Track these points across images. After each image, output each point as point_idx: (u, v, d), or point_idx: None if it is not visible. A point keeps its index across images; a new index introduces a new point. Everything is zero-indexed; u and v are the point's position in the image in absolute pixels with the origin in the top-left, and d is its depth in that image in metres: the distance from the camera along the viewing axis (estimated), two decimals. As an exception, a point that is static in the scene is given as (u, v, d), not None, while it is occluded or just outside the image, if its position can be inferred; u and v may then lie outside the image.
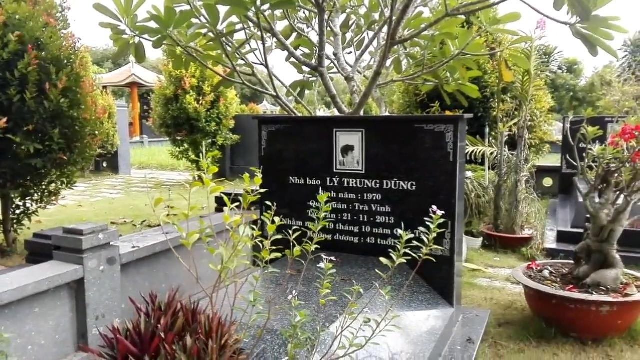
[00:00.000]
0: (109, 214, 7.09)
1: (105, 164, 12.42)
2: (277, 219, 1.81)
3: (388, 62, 4.56)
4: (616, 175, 3.18)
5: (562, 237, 5.00)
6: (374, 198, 3.00)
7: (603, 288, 3.02)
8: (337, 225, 3.12)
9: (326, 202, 3.04)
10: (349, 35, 4.89)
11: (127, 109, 13.12)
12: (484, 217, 5.77)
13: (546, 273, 3.33)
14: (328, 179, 3.11)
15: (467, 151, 5.70)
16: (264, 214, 1.87)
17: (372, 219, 3.02)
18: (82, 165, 5.22)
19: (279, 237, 3.19)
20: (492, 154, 5.85)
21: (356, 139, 3.01)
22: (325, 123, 3.08)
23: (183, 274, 3.47)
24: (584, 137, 3.28)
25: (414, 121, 2.84)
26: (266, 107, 26.65)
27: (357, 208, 3.05)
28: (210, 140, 9.68)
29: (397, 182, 2.92)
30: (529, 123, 5.96)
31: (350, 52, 4.98)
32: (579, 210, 5.14)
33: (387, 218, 2.98)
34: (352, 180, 3.04)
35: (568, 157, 3.71)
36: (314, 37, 4.49)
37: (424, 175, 2.85)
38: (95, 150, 4.99)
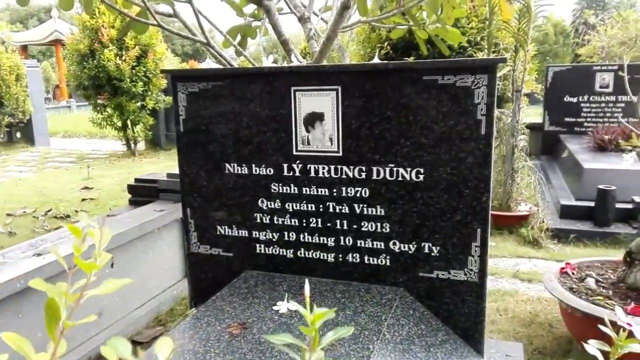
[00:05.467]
0: (8, 201, 5.68)
1: (19, 135, 10.67)
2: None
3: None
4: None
5: (566, 212, 4.17)
6: (358, 194, 1.93)
7: (681, 306, 2.14)
8: (302, 236, 2.05)
9: (282, 201, 1.96)
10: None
11: (39, 68, 11.26)
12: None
13: (591, 282, 2.41)
14: (285, 165, 2.00)
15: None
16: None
17: (355, 227, 1.96)
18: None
19: (214, 252, 2.09)
20: (476, 113, 4.88)
21: (327, 103, 1.90)
22: (277, 78, 1.95)
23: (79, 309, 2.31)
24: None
25: (423, 71, 1.76)
26: (209, 65, 24.64)
27: (331, 210, 1.98)
28: (139, 104, 8.23)
29: (395, 169, 1.86)
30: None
31: (304, -13, 3.80)
32: (584, 178, 4.30)
33: (378, 225, 1.92)
34: (323, 168, 1.95)
35: (624, 119, 2.75)
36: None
37: (437, 158, 1.80)
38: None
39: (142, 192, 3.23)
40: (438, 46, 3.27)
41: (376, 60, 2.30)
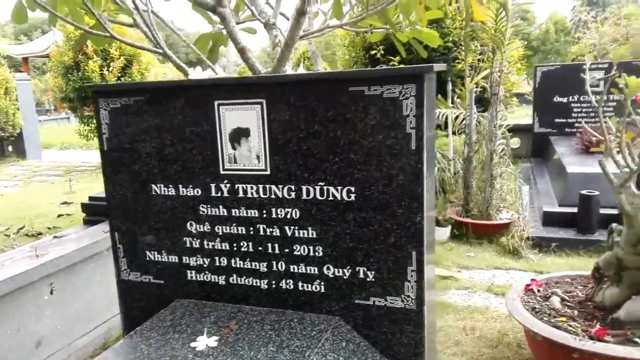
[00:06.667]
0: (-15, 217, 5.59)
1: (10, 148, 10.63)
2: None
3: (327, 6, 3.28)
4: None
5: (549, 219, 3.98)
6: (288, 216, 1.78)
7: (649, 328, 1.96)
8: (233, 261, 1.90)
9: (212, 224, 1.83)
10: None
11: (30, 81, 11.22)
12: (449, 195, 4.69)
13: (556, 301, 2.25)
14: (212, 185, 1.86)
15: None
16: None
17: (287, 250, 1.81)
18: None
19: (144, 279, 1.96)
20: (457, 117, 4.72)
21: (252, 117, 1.76)
22: (200, 91, 1.82)
23: (5, 339, 2.18)
24: (621, 89, 2.12)
25: (348, 81, 1.61)
26: (211, 74, 24.55)
27: (261, 232, 1.83)
28: (125, 115, 8.12)
29: (325, 188, 1.71)
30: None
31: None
32: (569, 183, 4.12)
33: (311, 248, 1.78)
34: (251, 187, 1.81)
35: (585, 125, 2.59)
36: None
37: (368, 176, 1.65)
38: None
39: (97, 211, 3.10)
40: (415, 49, 3.12)
41: (301, 70, 2.16)
